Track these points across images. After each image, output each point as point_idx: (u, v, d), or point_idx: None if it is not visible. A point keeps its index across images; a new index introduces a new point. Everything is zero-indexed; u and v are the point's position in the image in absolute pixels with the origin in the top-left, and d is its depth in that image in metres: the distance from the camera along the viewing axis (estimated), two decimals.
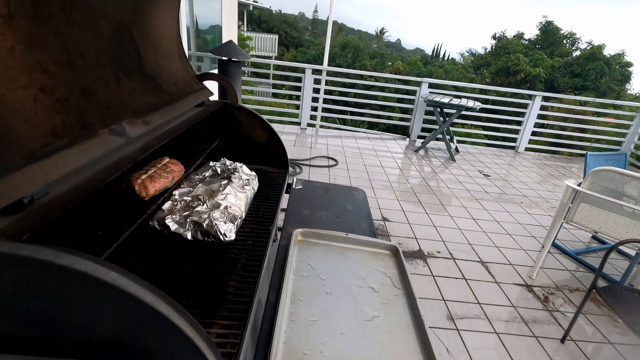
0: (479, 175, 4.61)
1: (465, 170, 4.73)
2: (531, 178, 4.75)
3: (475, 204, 3.78)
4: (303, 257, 1.19)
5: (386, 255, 1.27)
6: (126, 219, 0.93)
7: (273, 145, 1.71)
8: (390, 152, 5.16)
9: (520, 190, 4.30)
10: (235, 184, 1.29)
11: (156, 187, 1.08)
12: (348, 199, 1.64)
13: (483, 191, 4.14)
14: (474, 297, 2.46)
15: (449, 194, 3.96)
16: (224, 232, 1.02)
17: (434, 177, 4.39)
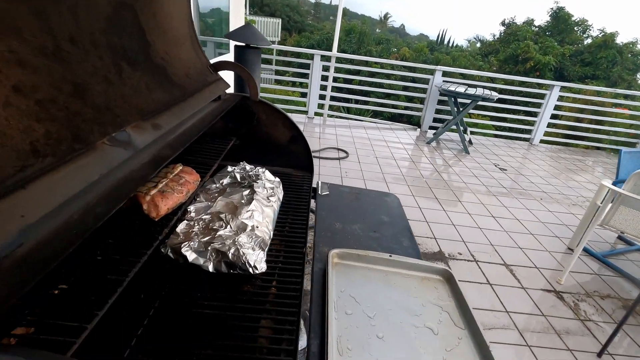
0: (494, 169, 4.40)
1: (479, 163, 4.52)
2: (548, 172, 4.54)
3: (493, 200, 3.58)
4: (343, 285, 0.99)
5: (438, 281, 1.07)
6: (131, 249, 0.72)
7: (296, 145, 1.49)
8: (401, 143, 4.93)
9: (538, 185, 4.09)
10: (259, 196, 1.08)
11: (169, 204, 0.87)
12: (382, 207, 1.44)
13: (500, 186, 3.94)
14: (501, 304, 2.29)
15: (465, 188, 3.76)
16: (254, 263, 0.82)
17: (448, 171, 4.18)
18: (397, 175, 3.87)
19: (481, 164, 4.49)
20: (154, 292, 0.80)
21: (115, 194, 0.59)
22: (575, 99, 5.85)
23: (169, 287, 0.83)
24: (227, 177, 1.20)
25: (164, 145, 0.82)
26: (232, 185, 1.17)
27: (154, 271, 0.86)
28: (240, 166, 1.27)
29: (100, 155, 0.63)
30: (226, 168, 1.24)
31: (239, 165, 1.27)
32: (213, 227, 0.89)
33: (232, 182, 1.18)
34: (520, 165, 4.69)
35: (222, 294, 0.83)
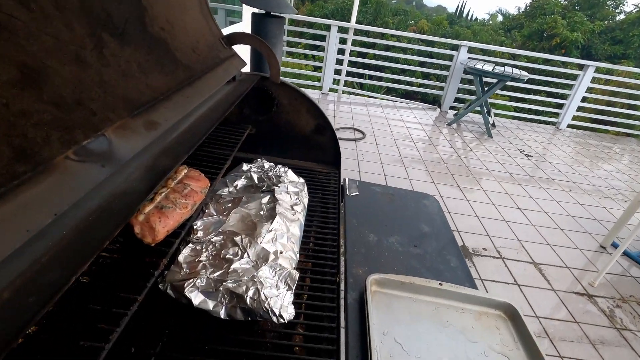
0: (519, 155, 4.11)
1: (503, 148, 4.22)
2: (576, 160, 4.23)
3: (518, 190, 3.33)
4: (386, 324, 0.79)
5: (498, 318, 0.87)
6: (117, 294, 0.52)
7: (322, 136, 1.26)
8: (420, 123, 4.63)
9: (566, 174, 3.81)
10: (282, 206, 0.86)
11: (169, 225, 0.66)
12: (420, 213, 1.21)
13: (526, 174, 3.66)
14: (530, 308, 2.10)
15: (488, 175, 3.50)
16: (279, 310, 0.61)
17: (470, 155, 3.90)
18: (415, 158, 3.62)
19: (505, 149, 4.20)
20: (148, 342, 0.61)
21: (80, 248, 0.38)
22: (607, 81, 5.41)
23: (167, 334, 0.63)
24: (242, 178, 0.98)
25: (161, 151, 0.60)
26: (249, 190, 0.95)
27: (149, 311, 0.66)
28: (257, 164, 1.04)
29: (59, 179, 0.41)
30: (241, 166, 1.01)
31: (256, 163, 1.05)
32: (226, 257, 0.68)
33: (248, 185, 0.96)
34: (546, 151, 4.38)
35: (234, 344, 0.63)
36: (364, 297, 0.82)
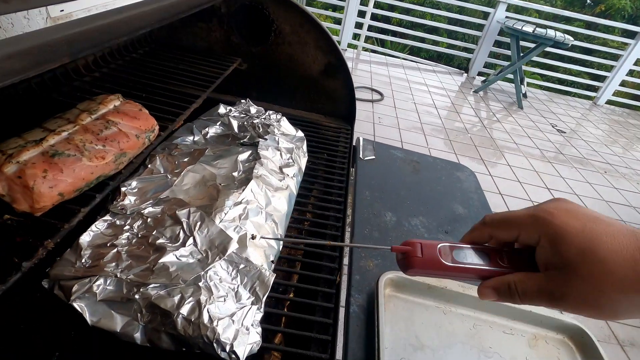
0: (551, 130, 3.69)
1: (534, 122, 3.80)
2: (614, 140, 3.80)
3: (548, 168, 2.98)
4: (403, 347, 0.54)
5: (562, 345, 0.60)
6: None
7: (333, 79, 0.95)
8: (444, 88, 4.19)
9: (603, 155, 3.41)
10: (266, 167, 0.59)
11: (63, 185, 0.39)
12: (453, 189, 0.93)
13: (557, 151, 3.29)
14: None
15: (516, 150, 3.14)
16: (232, 345, 0.35)
17: (497, 127, 3.51)
18: (437, 126, 3.26)
19: (536, 123, 3.78)
20: None
21: None
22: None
23: (58, 357, 0.39)
24: (217, 124, 0.69)
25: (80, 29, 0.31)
26: (222, 141, 0.67)
27: (42, 316, 0.41)
28: (240, 106, 0.75)
29: None
30: (216, 109, 0.72)
31: (240, 105, 0.76)
32: (157, 242, 0.41)
33: (222, 135, 0.68)
34: (581, 127, 3.94)
35: None
36: (375, 305, 0.56)
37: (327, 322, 0.48)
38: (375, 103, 3.40)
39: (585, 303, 0.28)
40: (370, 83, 3.80)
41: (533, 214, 0.31)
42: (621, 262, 0.26)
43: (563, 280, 0.28)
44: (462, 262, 0.33)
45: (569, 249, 0.28)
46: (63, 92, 0.61)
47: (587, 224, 0.28)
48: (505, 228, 0.32)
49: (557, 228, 0.29)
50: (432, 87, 4.12)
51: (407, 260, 0.34)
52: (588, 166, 3.14)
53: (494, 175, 2.72)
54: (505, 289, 0.31)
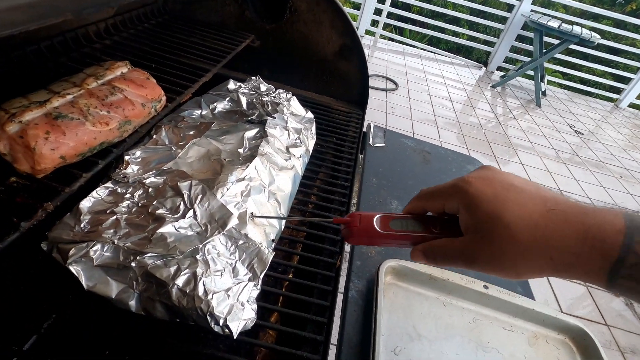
0: (568, 131, 3.60)
1: (551, 121, 3.70)
2: (634, 145, 3.69)
3: (562, 169, 2.91)
4: (399, 336, 0.53)
5: (563, 345, 0.59)
6: None
7: (347, 62, 0.92)
8: (461, 82, 4.09)
9: (620, 159, 3.32)
10: (273, 145, 0.57)
11: (65, 148, 0.39)
12: None
13: (572, 153, 3.20)
14: (557, 303, 1.83)
15: (530, 149, 3.07)
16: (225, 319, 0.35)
17: (513, 124, 3.43)
18: (450, 119, 3.20)
19: (553, 122, 3.68)
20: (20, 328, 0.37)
21: None
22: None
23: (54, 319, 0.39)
24: (225, 99, 0.68)
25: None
26: (230, 117, 0.65)
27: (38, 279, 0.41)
28: (250, 83, 0.74)
29: None
30: (226, 84, 0.71)
31: (250, 82, 0.74)
32: (157, 212, 0.41)
33: (230, 110, 0.67)
34: (600, 130, 3.82)
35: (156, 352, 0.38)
36: (374, 292, 0.55)
37: (324, 305, 0.48)
38: (389, 92, 3.34)
39: (491, 264, 0.30)
40: (386, 72, 3.73)
41: (454, 183, 0.33)
42: (523, 227, 0.28)
43: (475, 244, 0.30)
44: (396, 230, 0.35)
45: (480, 215, 0.30)
46: (72, 58, 0.60)
47: (500, 191, 0.30)
48: (433, 199, 0.35)
49: (471, 196, 0.31)
50: (448, 80, 4.02)
51: (347, 230, 0.37)
52: (604, 170, 3.06)
53: None
54: (430, 252, 0.34)
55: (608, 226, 0.26)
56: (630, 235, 0.25)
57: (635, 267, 0.25)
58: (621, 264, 0.25)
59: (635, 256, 0.25)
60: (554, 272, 0.28)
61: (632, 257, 0.25)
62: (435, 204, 0.35)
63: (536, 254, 0.28)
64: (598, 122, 3.99)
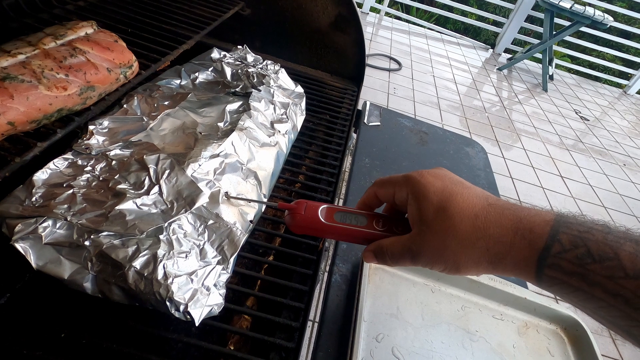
0: (574, 117, 3.51)
1: (557, 106, 3.62)
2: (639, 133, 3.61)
3: (565, 156, 2.86)
4: (383, 324, 0.50)
5: (554, 336, 0.57)
6: None
7: (343, 34, 0.87)
8: (467, 63, 3.98)
9: (624, 147, 3.25)
10: (255, 120, 0.53)
11: (13, 113, 0.35)
12: (460, 164, 0.86)
13: (576, 139, 3.14)
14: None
15: (534, 134, 3.01)
16: (187, 305, 0.32)
17: (517, 109, 3.35)
18: (454, 102, 3.12)
19: (559, 107, 3.59)
20: None
21: None
22: None
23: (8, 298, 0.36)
24: (208, 69, 0.63)
25: None
26: (212, 88, 0.61)
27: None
28: (237, 52, 0.69)
29: None
30: (209, 53, 0.66)
31: (236, 51, 0.69)
32: (117, 187, 0.37)
33: (213, 81, 0.62)
34: (606, 116, 3.74)
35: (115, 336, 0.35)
36: (358, 277, 0.52)
37: (302, 289, 0.45)
38: (392, 72, 3.25)
39: (434, 257, 0.30)
40: (390, 51, 3.62)
41: (407, 175, 0.33)
42: (464, 219, 0.28)
43: (421, 237, 0.30)
44: (339, 223, 0.35)
45: (428, 206, 0.30)
46: (40, 19, 0.55)
47: (448, 185, 0.31)
48: (385, 187, 0.35)
49: (421, 187, 0.31)
50: (454, 61, 3.91)
51: (290, 217, 0.36)
52: (607, 157, 3.01)
53: (507, 158, 2.62)
54: (380, 251, 0.34)
55: (538, 218, 0.27)
56: (556, 227, 0.26)
57: (559, 257, 0.25)
58: (547, 252, 0.26)
59: (560, 245, 0.26)
60: (489, 265, 0.29)
61: (557, 245, 0.26)
62: (385, 191, 0.35)
63: (474, 244, 0.28)
64: (605, 109, 3.89)
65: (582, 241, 0.25)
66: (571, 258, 0.25)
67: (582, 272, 0.25)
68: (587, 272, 0.25)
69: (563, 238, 0.26)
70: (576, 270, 0.25)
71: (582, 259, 0.25)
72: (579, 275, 0.25)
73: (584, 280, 0.25)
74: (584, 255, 0.25)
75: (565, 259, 0.25)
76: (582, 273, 0.25)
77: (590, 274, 0.25)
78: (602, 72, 4.49)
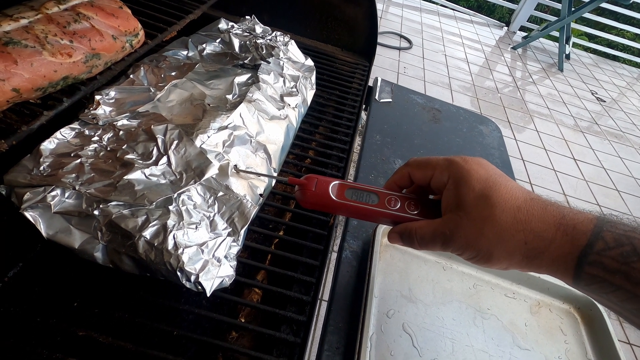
0: (590, 98, 3.40)
1: (573, 87, 3.50)
2: None
3: (579, 138, 2.79)
4: (394, 300, 0.50)
5: (567, 315, 0.56)
6: None
7: (355, 5, 0.83)
8: (480, 42, 3.85)
9: None
10: (265, 92, 0.52)
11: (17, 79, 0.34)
12: (474, 143, 0.84)
13: (592, 121, 3.05)
14: None
15: (548, 116, 2.93)
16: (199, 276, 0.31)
17: (531, 89, 3.26)
18: (466, 82, 3.04)
19: (575, 88, 3.48)
20: None
21: None
22: None
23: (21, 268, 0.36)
24: (216, 40, 0.61)
25: None
26: (219, 59, 0.59)
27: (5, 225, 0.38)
28: (245, 23, 0.66)
29: None
30: (217, 24, 0.64)
31: (244, 22, 0.67)
32: (125, 157, 0.36)
33: (220, 53, 0.60)
34: (624, 97, 3.61)
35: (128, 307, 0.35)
36: (369, 254, 0.52)
37: (313, 264, 0.44)
38: (402, 51, 3.16)
39: (467, 244, 0.29)
40: (400, 29, 3.51)
41: (449, 158, 0.32)
42: (506, 209, 0.28)
43: (455, 222, 0.30)
44: (350, 200, 0.34)
45: (468, 192, 0.30)
46: None
47: (492, 175, 0.30)
48: (423, 168, 0.34)
49: (465, 172, 0.30)
50: (466, 40, 3.78)
51: (300, 193, 0.35)
52: (623, 140, 2.93)
53: (519, 140, 2.57)
54: (407, 234, 0.33)
55: (581, 216, 0.27)
56: (600, 224, 0.26)
57: (602, 254, 0.25)
58: (590, 249, 0.25)
59: (604, 242, 0.25)
60: (523, 260, 0.28)
61: (601, 243, 0.25)
62: (422, 172, 0.34)
63: (513, 236, 0.28)
64: (623, 90, 3.76)
65: (627, 239, 0.25)
66: (615, 255, 0.25)
67: (626, 270, 0.24)
68: (631, 270, 0.24)
69: (607, 236, 0.25)
70: (620, 268, 0.24)
71: (627, 256, 0.24)
72: (622, 273, 0.24)
73: (628, 278, 0.24)
74: (629, 253, 0.24)
75: (608, 257, 0.25)
76: (626, 271, 0.24)
77: (635, 272, 0.24)
78: (621, 52, 4.32)
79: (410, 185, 0.36)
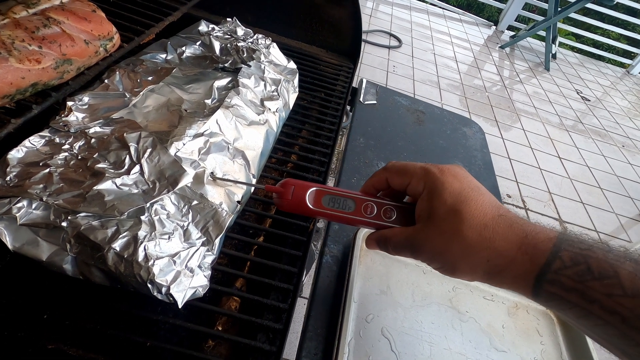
0: (575, 97, 3.46)
1: (558, 85, 3.56)
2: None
3: (563, 136, 2.84)
4: (373, 304, 0.50)
5: (544, 317, 0.57)
6: None
7: (339, 6, 0.83)
8: (468, 41, 3.88)
9: (624, 128, 3.23)
10: (244, 97, 0.51)
11: None
12: (457, 145, 0.85)
13: (576, 120, 3.11)
14: None
15: (534, 115, 2.97)
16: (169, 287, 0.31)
17: (518, 88, 3.30)
18: (454, 82, 3.06)
19: (560, 87, 3.53)
20: None
21: None
22: None
23: None
24: (195, 43, 0.60)
25: None
26: (199, 63, 0.58)
27: None
28: (226, 25, 0.65)
29: None
30: (197, 26, 0.63)
31: (225, 24, 0.66)
32: (96, 166, 0.35)
33: (200, 56, 0.59)
34: (607, 97, 3.68)
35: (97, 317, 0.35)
36: (349, 258, 0.52)
37: (292, 271, 0.44)
38: (391, 50, 3.17)
39: (434, 255, 0.31)
40: (390, 27, 3.51)
41: (426, 167, 0.33)
42: (473, 226, 0.29)
43: (425, 234, 0.31)
44: (326, 208, 0.35)
45: (440, 205, 0.30)
46: None
47: (465, 189, 0.30)
48: (401, 175, 0.34)
49: (440, 184, 0.31)
50: (455, 39, 3.81)
51: (278, 200, 0.36)
52: (606, 138, 2.99)
53: (506, 139, 2.60)
54: (382, 241, 0.34)
55: (542, 235, 0.28)
56: (558, 244, 0.27)
57: (559, 273, 0.26)
58: (548, 268, 0.26)
59: (561, 262, 0.26)
60: (485, 275, 0.29)
61: (558, 262, 0.26)
62: (399, 179, 0.34)
63: (477, 252, 0.28)
64: (606, 89, 3.84)
65: (583, 258, 0.26)
66: (571, 274, 0.25)
67: (581, 289, 0.25)
68: (586, 288, 0.25)
69: (564, 255, 0.26)
70: (575, 286, 0.25)
71: (582, 275, 0.25)
72: (578, 291, 0.25)
73: (583, 296, 0.25)
74: (584, 272, 0.25)
75: (565, 275, 0.26)
76: (581, 290, 0.25)
77: (589, 291, 0.25)
78: (606, 51, 4.40)
79: (387, 188, 0.37)
